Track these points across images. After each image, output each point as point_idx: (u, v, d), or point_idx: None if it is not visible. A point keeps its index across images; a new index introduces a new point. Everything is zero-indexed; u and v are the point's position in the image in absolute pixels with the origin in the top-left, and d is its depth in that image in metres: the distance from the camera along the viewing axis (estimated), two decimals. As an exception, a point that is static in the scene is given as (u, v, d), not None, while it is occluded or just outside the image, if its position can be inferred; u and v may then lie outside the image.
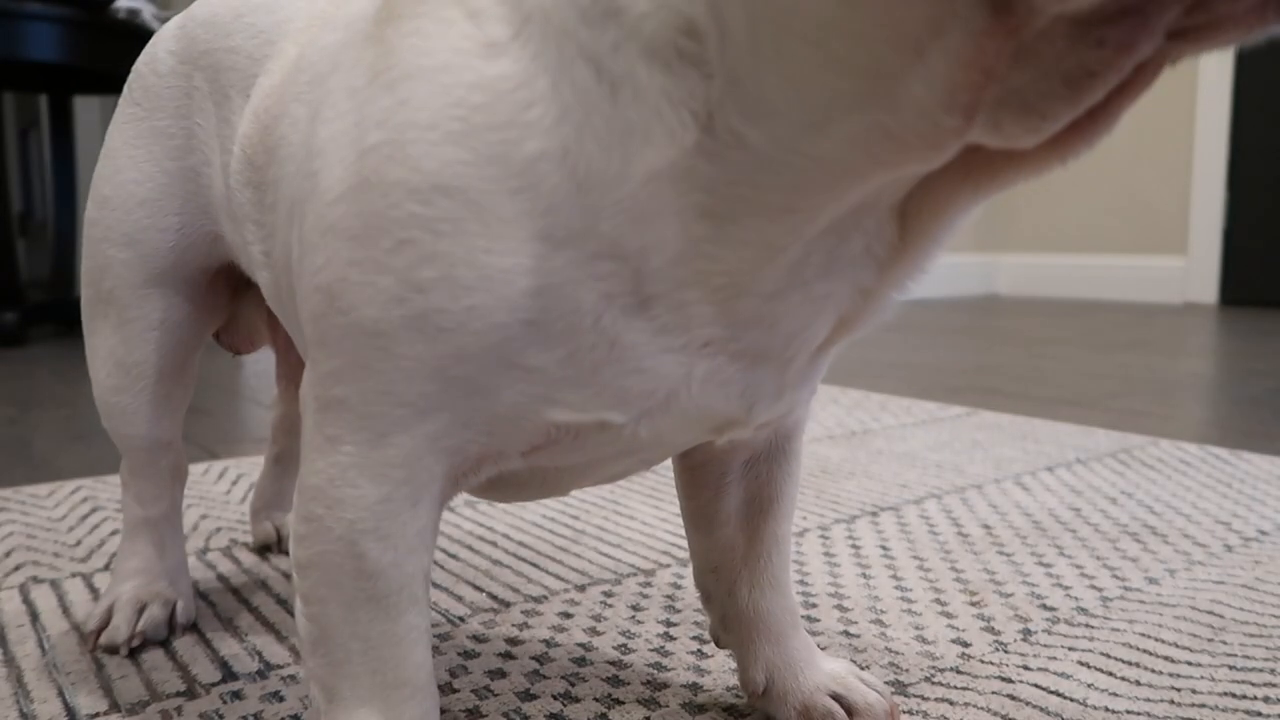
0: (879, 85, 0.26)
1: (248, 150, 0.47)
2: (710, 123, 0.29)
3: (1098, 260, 3.50)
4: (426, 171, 0.31)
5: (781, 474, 0.49)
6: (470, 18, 0.31)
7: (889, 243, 0.33)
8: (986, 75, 0.25)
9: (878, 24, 0.24)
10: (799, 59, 0.26)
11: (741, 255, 0.31)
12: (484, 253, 0.31)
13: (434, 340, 0.32)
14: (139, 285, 0.57)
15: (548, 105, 0.30)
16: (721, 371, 0.35)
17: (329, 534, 0.36)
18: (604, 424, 0.35)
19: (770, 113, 0.28)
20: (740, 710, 0.52)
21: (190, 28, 0.56)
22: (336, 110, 0.34)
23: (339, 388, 0.35)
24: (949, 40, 0.24)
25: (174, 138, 0.56)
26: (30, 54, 2.07)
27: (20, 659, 0.58)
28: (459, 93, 0.31)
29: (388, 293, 0.32)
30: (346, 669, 0.38)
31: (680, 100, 0.29)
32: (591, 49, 0.29)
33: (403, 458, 0.35)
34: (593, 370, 0.33)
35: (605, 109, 0.29)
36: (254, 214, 0.47)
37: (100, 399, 0.60)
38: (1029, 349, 2.07)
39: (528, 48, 0.30)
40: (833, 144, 0.28)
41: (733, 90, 0.28)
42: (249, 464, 1.08)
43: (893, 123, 0.26)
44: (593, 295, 0.32)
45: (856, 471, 1.02)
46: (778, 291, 0.32)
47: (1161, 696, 0.52)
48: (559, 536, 0.81)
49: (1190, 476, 0.99)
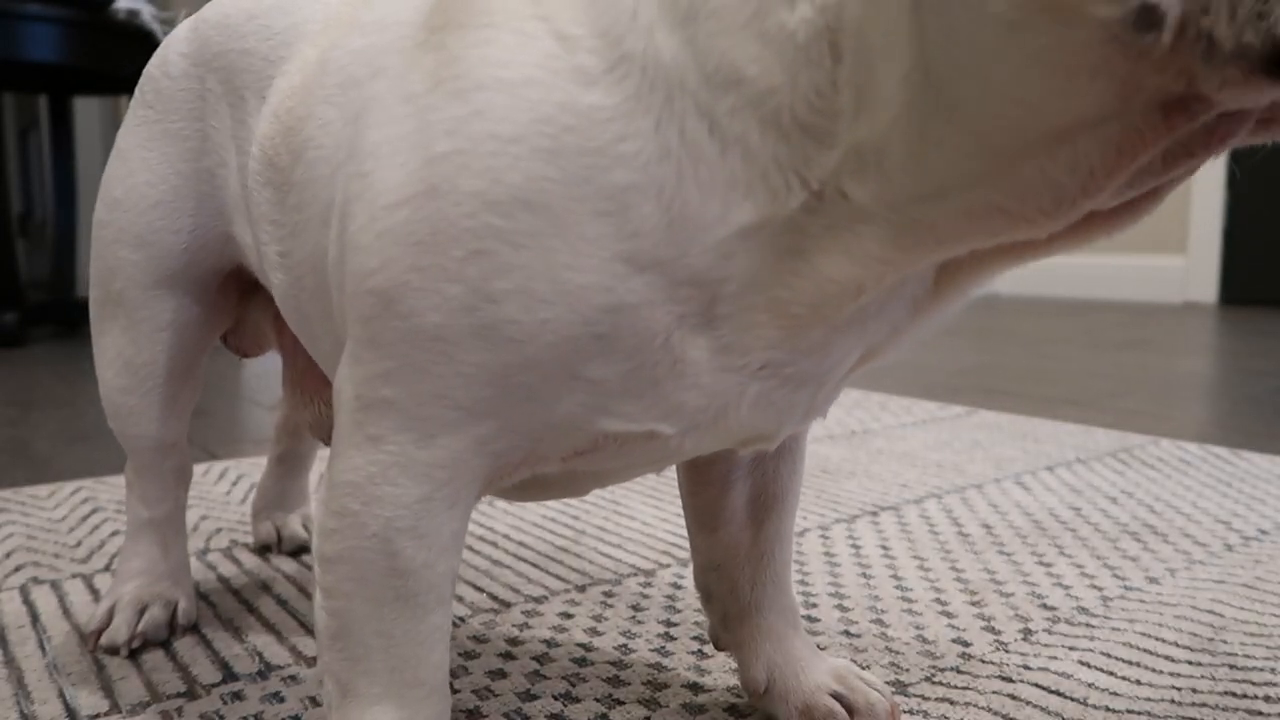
0: (1012, 167, 0.26)
1: (268, 151, 0.47)
2: (821, 187, 0.30)
3: (1097, 260, 3.50)
4: (509, 184, 0.31)
5: (788, 470, 0.49)
6: (558, 39, 0.32)
7: (926, 287, 0.34)
8: (1131, 163, 0.25)
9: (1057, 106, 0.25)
10: (944, 137, 0.27)
11: (825, 291, 0.32)
12: (565, 268, 0.31)
13: (499, 349, 0.32)
14: (149, 286, 0.57)
15: (646, 143, 0.31)
16: (771, 393, 0.35)
17: (363, 530, 0.36)
18: (653, 434, 0.36)
19: (884, 179, 0.29)
20: (741, 710, 0.52)
21: (202, 30, 0.56)
22: (390, 115, 0.34)
23: (388, 389, 0.35)
24: (1109, 130, 0.25)
25: (188, 140, 0.56)
26: (30, 54, 2.07)
27: (21, 660, 0.58)
28: (548, 110, 0.31)
29: (456, 301, 0.32)
30: (365, 665, 0.38)
31: (790, 165, 0.30)
32: (709, 108, 0.30)
33: (449, 459, 0.35)
34: (653, 384, 0.34)
35: (712, 161, 0.30)
36: (272, 214, 0.47)
37: (107, 399, 0.60)
38: (1029, 348, 2.07)
39: (624, 85, 0.31)
40: (944, 214, 0.29)
41: (849, 159, 0.29)
42: (249, 465, 1.08)
43: (1014, 204, 0.27)
44: (667, 316, 0.32)
45: (857, 471, 1.02)
46: (843, 325, 0.34)
47: (1162, 696, 0.52)
48: (559, 537, 0.81)
49: (1190, 476, 0.99)
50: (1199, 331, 2.37)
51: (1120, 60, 0.23)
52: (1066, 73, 0.24)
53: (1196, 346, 2.08)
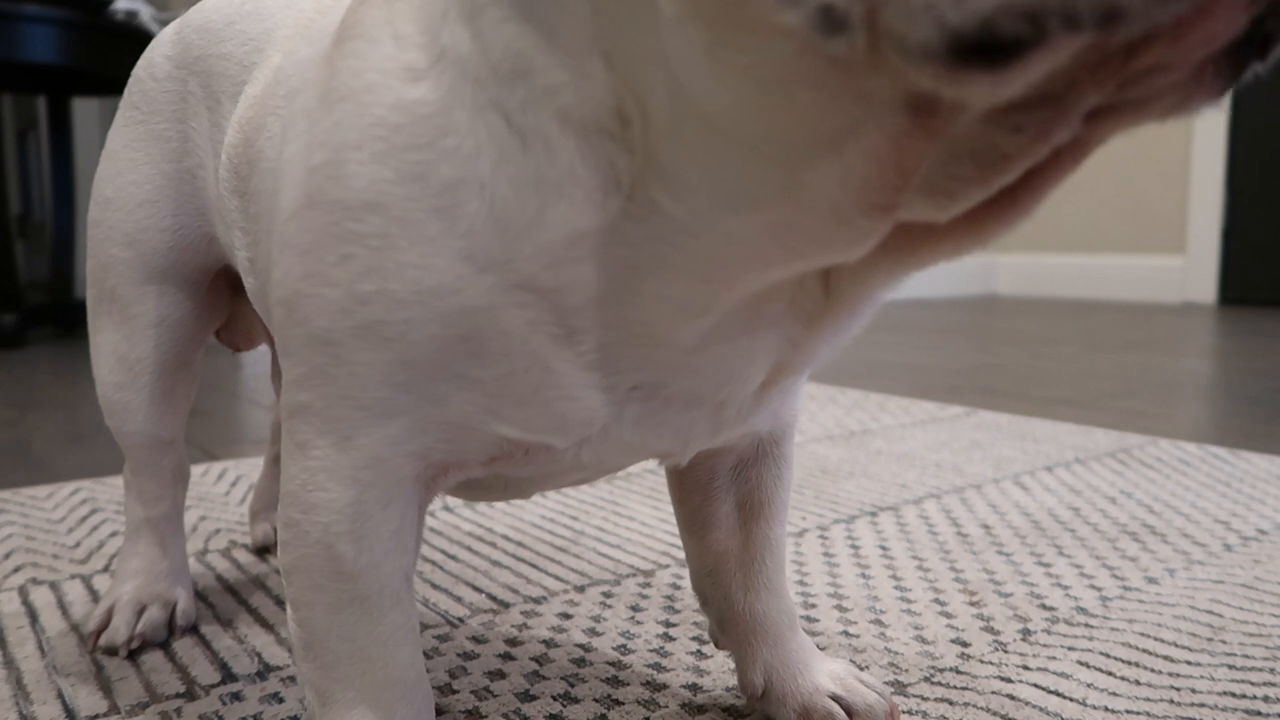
0: (792, 179, 0.25)
1: (233, 159, 0.48)
2: (633, 191, 0.29)
3: (1097, 260, 3.50)
4: (356, 189, 0.32)
5: (771, 477, 0.49)
6: (394, 40, 0.32)
7: (816, 298, 0.33)
8: (904, 176, 0.24)
9: (793, 121, 0.24)
10: (715, 148, 0.26)
11: (660, 310, 0.31)
12: (413, 268, 0.32)
13: (379, 348, 0.33)
14: (140, 283, 0.58)
15: (463, 137, 0.31)
16: (654, 415, 0.35)
17: (307, 538, 0.37)
18: (548, 446, 0.36)
19: (688, 190, 0.28)
20: (739, 711, 0.52)
21: (186, 33, 0.57)
22: (295, 130, 0.36)
23: (304, 394, 0.36)
24: (866, 139, 0.23)
25: (170, 141, 0.57)
26: (29, 56, 2.07)
27: (20, 660, 0.58)
28: (380, 112, 0.32)
29: (336, 304, 0.33)
30: (337, 671, 0.38)
31: (597, 166, 0.29)
32: (500, 101, 0.30)
33: (368, 460, 0.35)
34: (533, 391, 0.34)
35: (516, 157, 0.30)
36: (240, 221, 0.48)
37: (104, 396, 0.61)
38: (1028, 349, 2.07)
39: (443, 78, 0.31)
40: (748, 228, 0.28)
41: (652, 166, 0.28)
42: (248, 465, 1.08)
43: (805, 219, 0.26)
44: (518, 321, 0.32)
45: (855, 472, 1.02)
46: (698, 346, 0.33)
47: (1161, 696, 0.52)
48: (558, 537, 0.81)
49: (1189, 476, 0.99)
50: (1198, 332, 2.37)
51: (826, 69, 0.22)
52: (782, 87, 0.23)
53: (1196, 347, 2.09)
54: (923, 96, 0.22)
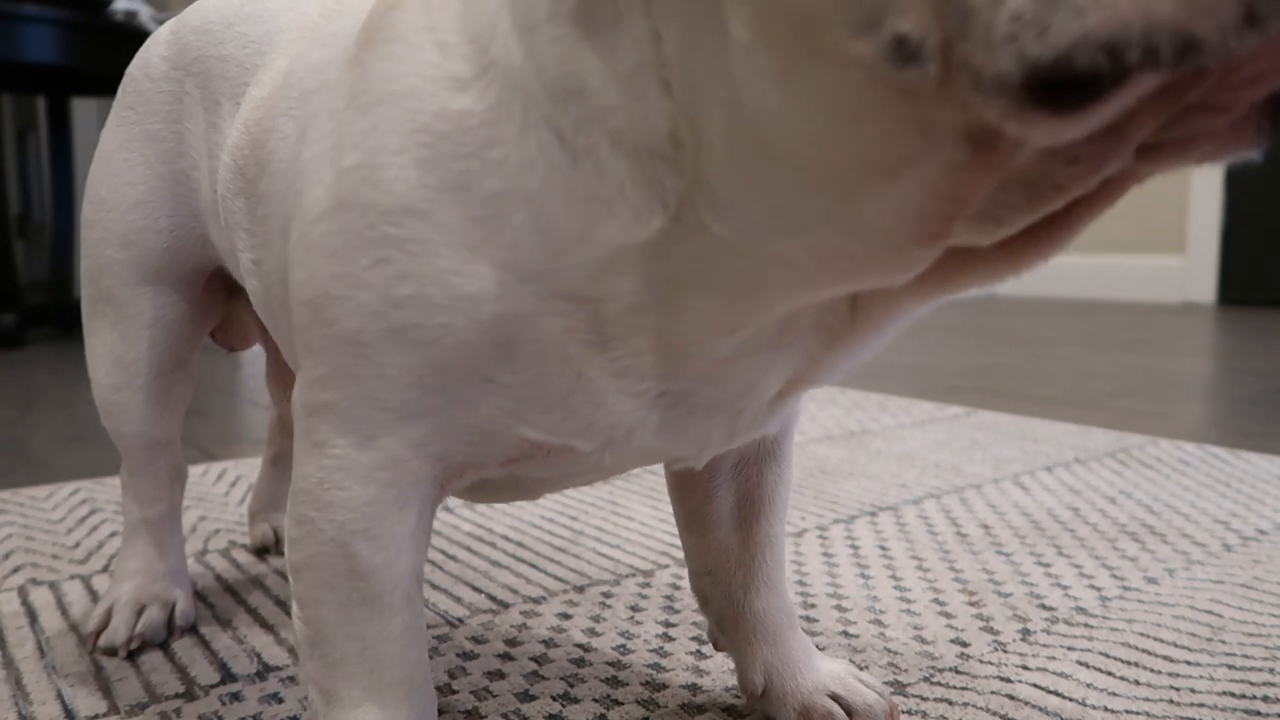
0: (846, 206, 0.25)
1: (239, 161, 0.48)
2: (679, 211, 0.29)
3: (1096, 260, 3.50)
4: (397, 194, 0.32)
5: (771, 476, 0.49)
6: (438, 48, 0.32)
7: (841, 317, 0.33)
8: (960, 206, 0.24)
9: (854, 149, 0.24)
10: (771, 173, 0.26)
11: (698, 323, 0.32)
12: (451, 274, 0.32)
13: (411, 351, 0.33)
14: (135, 284, 0.58)
15: (512, 150, 0.31)
16: (677, 421, 0.36)
17: (320, 536, 0.37)
18: (572, 449, 0.36)
19: (737, 213, 0.28)
20: (739, 711, 0.52)
21: (182, 34, 0.57)
22: (320, 131, 0.36)
23: (326, 393, 0.36)
24: (924, 170, 0.23)
25: (165, 141, 0.57)
26: (28, 56, 2.06)
27: (19, 661, 0.58)
28: (425, 119, 0.32)
29: (368, 307, 0.33)
30: (343, 669, 0.38)
31: (646, 185, 0.29)
32: (554, 119, 0.30)
33: (388, 460, 0.36)
34: (561, 396, 0.34)
35: (567, 173, 0.30)
36: (245, 223, 0.48)
37: (99, 397, 0.60)
38: (1028, 349, 2.07)
39: (490, 90, 0.31)
40: (796, 252, 0.28)
41: (702, 188, 0.29)
42: (247, 465, 1.08)
43: (855, 245, 0.26)
44: (555, 328, 0.33)
45: (855, 472, 1.02)
46: (729, 358, 0.33)
47: (1160, 696, 0.52)
48: (557, 537, 0.81)
49: (1189, 476, 0.99)
50: (1197, 332, 2.37)
51: (895, 99, 0.22)
52: (849, 116, 0.23)
53: (1195, 347, 2.09)
54: (986, 130, 0.22)
